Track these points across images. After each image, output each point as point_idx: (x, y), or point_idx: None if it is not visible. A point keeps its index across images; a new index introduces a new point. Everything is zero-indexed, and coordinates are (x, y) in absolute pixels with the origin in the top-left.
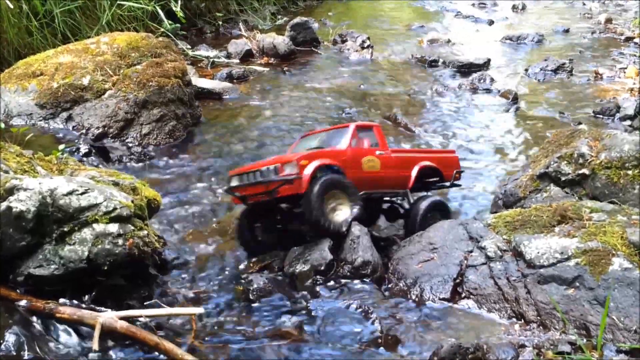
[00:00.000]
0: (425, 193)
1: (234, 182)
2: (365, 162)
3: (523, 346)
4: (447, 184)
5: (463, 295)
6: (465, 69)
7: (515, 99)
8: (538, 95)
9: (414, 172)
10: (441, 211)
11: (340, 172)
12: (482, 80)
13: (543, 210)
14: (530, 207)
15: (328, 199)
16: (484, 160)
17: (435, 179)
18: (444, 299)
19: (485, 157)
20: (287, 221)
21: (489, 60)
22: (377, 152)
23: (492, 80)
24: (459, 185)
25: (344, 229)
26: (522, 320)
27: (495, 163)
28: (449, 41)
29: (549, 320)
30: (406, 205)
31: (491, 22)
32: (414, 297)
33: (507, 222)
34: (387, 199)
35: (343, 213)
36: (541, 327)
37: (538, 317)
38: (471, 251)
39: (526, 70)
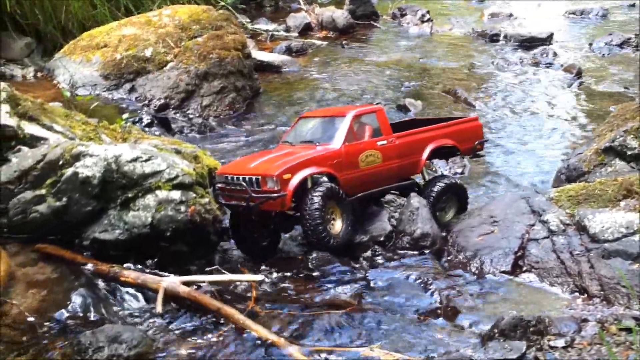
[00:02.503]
0: (442, 172)
1: (220, 184)
2: (363, 159)
3: (586, 320)
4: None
5: (524, 268)
6: (527, 44)
7: (579, 74)
8: (602, 70)
9: (425, 155)
10: (457, 194)
11: (332, 178)
12: (544, 55)
13: (608, 185)
14: (595, 181)
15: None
16: (546, 134)
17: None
18: (504, 272)
19: (548, 131)
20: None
21: (551, 34)
22: (379, 143)
23: (554, 54)
24: (482, 156)
25: (342, 240)
26: (585, 295)
27: (558, 138)
28: (510, 15)
29: (612, 294)
30: (421, 182)
31: None
32: (473, 269)
33: (571, 196)
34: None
35: (338, 224)
36: (605, 302)
37: (601, 292)
38: (533, 225)
39: (590, 44)
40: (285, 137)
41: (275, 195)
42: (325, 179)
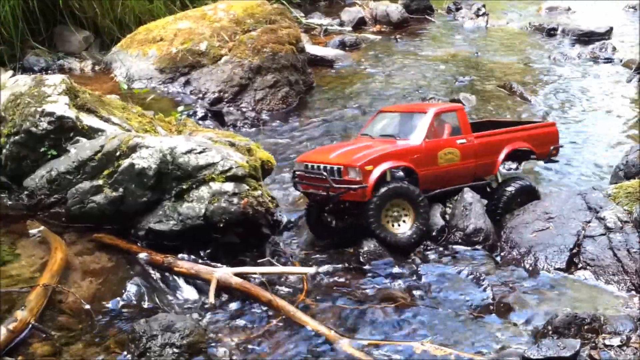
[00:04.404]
0: (515, 175)
1: (299, 172)
2: (442, 156)
3: None
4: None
5: (579, 265)
6: (586, 38)
7: (639, 69)
8: None
9: (501, 157)
10: (530, 196)
11: (411, 173)
12: (603, 49)
13: None
14: None
15: (391, 207)
16: (604, 130)
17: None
18: (559, 269)
19: (606, 127)
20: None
21: (611, 28)
22: (458, 142)
23: (614, 49)
24: (555, 161)
25: (403, 242)
26: None
27: (616, 133)
28: (568, 9)
29: None
30: (493, 185)
31: None
32: (527, 265)
33: (629, 192)
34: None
35: (405, 226)
36: None
37: None
38: (589, 221)
39: None
40: (363, 130)
41: (356, 186)
42: (401, 173)
